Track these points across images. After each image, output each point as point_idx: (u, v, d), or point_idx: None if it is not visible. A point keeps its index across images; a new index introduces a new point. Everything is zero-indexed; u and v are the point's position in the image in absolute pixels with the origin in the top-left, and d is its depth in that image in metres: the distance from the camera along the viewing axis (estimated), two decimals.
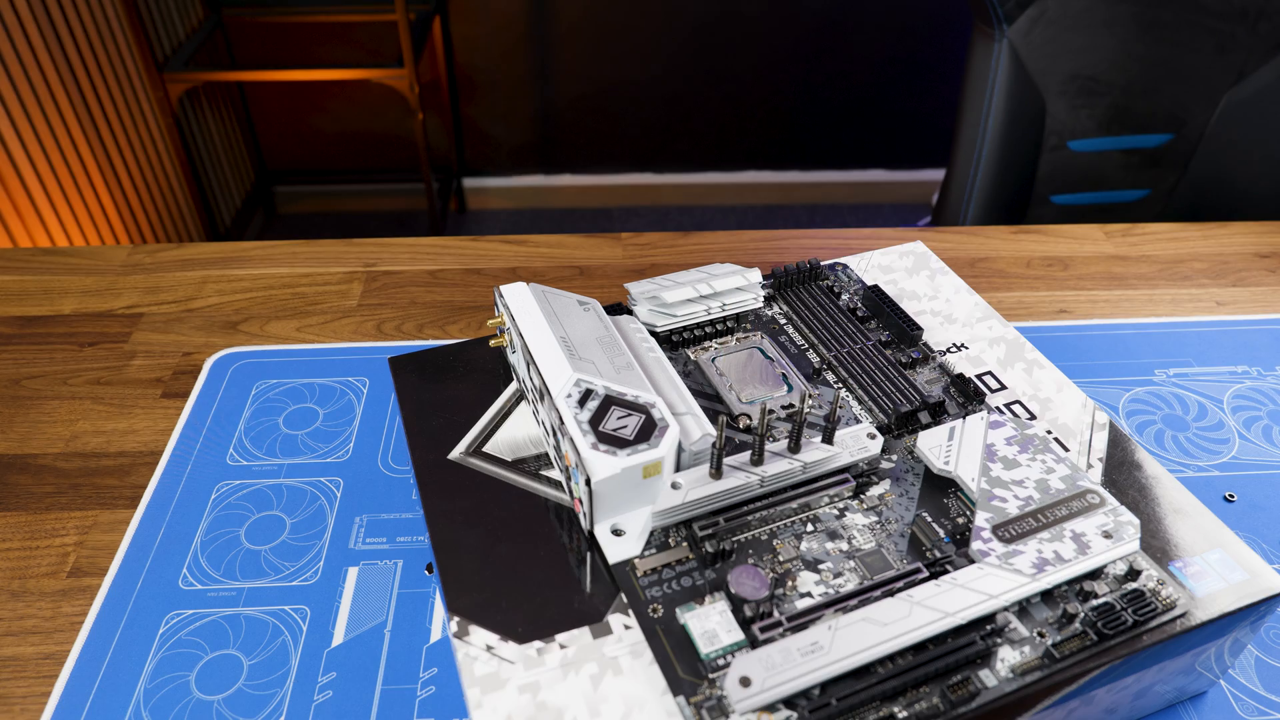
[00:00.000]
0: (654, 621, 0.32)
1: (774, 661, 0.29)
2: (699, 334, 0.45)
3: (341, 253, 0.67)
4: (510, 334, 0.42)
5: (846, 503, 0.37)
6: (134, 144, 1.51)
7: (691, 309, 0.45)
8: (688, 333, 0.45)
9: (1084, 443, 0.41)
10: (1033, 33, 0.96)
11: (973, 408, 0.42)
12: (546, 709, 0.30)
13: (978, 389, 0.42)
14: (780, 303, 0.48)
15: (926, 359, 0.45)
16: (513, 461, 0.40)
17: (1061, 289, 0.64)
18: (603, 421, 0.35)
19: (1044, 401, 0.43)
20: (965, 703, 0.30)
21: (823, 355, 0.45)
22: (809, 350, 0.46)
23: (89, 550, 0.45)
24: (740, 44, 1.87)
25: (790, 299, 0.48)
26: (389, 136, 1.97)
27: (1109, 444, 0.41)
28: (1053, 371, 0.45)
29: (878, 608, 0.31)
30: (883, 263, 0.53)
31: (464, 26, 1.84)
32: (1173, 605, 0.33)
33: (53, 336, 0.59)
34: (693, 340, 0.45)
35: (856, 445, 0.38)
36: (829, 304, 0.47)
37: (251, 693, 0.39)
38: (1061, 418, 0.42)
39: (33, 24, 1.24)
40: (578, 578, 0.35)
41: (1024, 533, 0.34)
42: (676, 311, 0.45)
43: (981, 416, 0.39)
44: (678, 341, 0.45)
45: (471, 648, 0.32)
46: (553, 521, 0.37)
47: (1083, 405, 0.43)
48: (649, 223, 2.05)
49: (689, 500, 0.34)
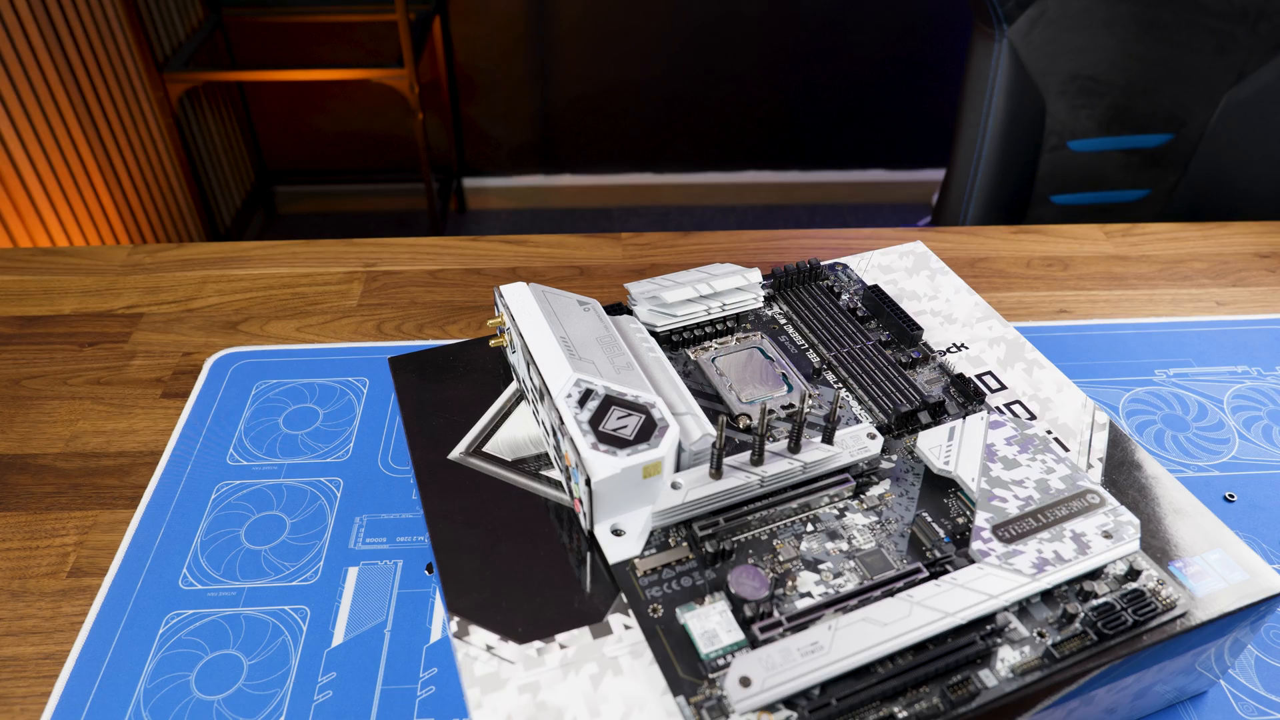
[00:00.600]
0: (654, 621, 0.32)
1: (774, 661, 0.29)
2: (699, 334, 0.45)
3: (341, 253, 0.67)
4: (510, 334, 0.42)
5: (846, 503, 0.37)
6: (134, 144, 1.51)
7: (691, 309, 0.45)
8: (688, 333, 0.45)
9: (1084, 443, 0.41)
10: (1033, 33, 0.96)
11: (973, 408, 0.42)
12: (546, 709, 0.30)
13: (978, 389, 0.42)
14: (780, 303, 0.48)
15: (926, 359, 0.45)
16: (513, 461, 0.40)
17: (1061, 289, 0.64)
18: (603, 421, 0.35)
19: (1044, 401, 0.43)
20: (965, 703, 0.30)
21: (823, 355, 0.45)
22: (809, 350, 0.46)
23: (89, 550, 0.46)
24: (740, 44, 1.87)
25: (790, 299, 0.48)
26: (389, 136, 1.97)
27: (1109, 444, 0.41)
28: (1053, 371, 0.45)
29: (878, 608, 0.31)
30: (883, 263, 0.53)
31: (464, 26, 1.84)
32: (1173, 605, 0.33)
33: (53, 336, 0.59)
34: (693, 340, 0.45)
35: (856, 445, 0.38)
36: (829, 304, 0.47)
37: (251, 693, 0.39)
38: (1061, 418, 0.42)
39: (33, 24, 1.24)
40: (578, 578, 0.35)
41: (1024, 533, 0.34)
42: (676, 311, 0.45)
43: (981, 416, 0.39)
44: (678, 341, 0.45)
45: (471, 648, 0.32)
46: (553, 521, 0.37)
47: (1083, 405, 0.43)
48: (649, 223, 2.05)
49: (689, 500, 0.35)
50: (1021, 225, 0.71)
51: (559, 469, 0.38)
